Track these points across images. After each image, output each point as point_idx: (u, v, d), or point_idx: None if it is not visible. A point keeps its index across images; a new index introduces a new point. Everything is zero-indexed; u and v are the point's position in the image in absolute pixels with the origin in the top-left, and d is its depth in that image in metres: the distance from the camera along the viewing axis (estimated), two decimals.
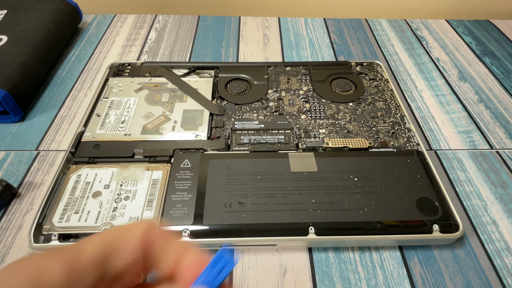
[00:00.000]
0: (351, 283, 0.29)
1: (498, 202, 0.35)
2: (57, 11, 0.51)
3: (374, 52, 0.54)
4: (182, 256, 0.15)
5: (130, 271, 0.14)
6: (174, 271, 0.15)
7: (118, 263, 0.13)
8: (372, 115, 0.41)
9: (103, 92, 0.42)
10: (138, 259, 0.14)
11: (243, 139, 0.37)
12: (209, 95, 0.42)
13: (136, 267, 0.14)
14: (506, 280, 0.29)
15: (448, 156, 0.39)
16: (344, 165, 0.34)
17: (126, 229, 0.14)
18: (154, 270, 0.16)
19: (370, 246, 0.31)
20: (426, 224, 0.30)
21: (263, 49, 0.55)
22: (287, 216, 0.30)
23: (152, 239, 0.15)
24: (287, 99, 0.43)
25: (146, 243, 0.14)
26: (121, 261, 0.14)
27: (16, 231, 0.31)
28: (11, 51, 0.43)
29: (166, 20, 0.60)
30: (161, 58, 0.52)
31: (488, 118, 0.44)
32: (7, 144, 0.39)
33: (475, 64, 0.52)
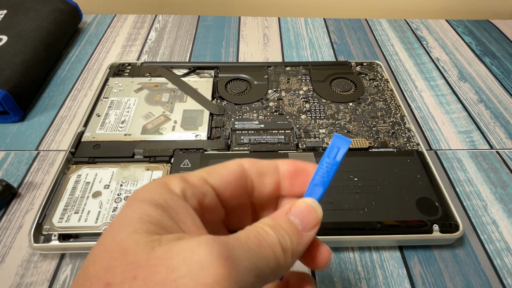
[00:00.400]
0: (351, 283, 0.29)
1: (498, 202, 0.35)
2: (57, 11, 0.51)
3: (374, 52, 0.54)
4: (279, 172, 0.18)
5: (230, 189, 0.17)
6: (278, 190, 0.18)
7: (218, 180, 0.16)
8: (372, 115, 0.41)
9: (103, 92, 0.42)
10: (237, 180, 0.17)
11: (243, 139, 0.37)
12: (209, 95, 0.42)
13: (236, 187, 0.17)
14: (506, 280, 0.29)
15: (448, 156, 0.39)
16: (344, 165, 0.34)
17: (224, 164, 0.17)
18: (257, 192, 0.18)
19: (370, 246, 0.31)
20: (426, 224, 0.30)
21: (263, 49, 0.55)
22: None
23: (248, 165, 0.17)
24: (287, 99, 0.43)
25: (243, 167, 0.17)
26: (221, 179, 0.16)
27: (16, 231, 0.31)
28: (11, 51, 0.43)
29: (166, 20, 0.60)
30: (161, 58, 0.52)
31: (488, 118, 0.44)
32: (7, 144, 0.39)
33: (475, 64, 0.52)
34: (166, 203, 0.14)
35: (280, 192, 0.18)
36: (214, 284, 0.11)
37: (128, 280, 0.11)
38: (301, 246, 0.15)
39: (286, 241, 0.15)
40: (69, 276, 0.29)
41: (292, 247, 0.15)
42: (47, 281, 0.28)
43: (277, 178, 0.18)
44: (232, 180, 0.17)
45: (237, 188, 0.17)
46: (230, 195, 0.17)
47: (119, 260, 0.12)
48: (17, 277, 0.28)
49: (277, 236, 0.14)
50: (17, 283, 0.28)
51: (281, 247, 0.14)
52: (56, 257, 0.30)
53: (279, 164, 0.18)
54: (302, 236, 0.15)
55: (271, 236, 0.14)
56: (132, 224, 0.13)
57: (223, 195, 0.17)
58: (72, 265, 0.29)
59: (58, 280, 0.28)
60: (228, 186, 0.17)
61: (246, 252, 0.13)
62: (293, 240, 0.15)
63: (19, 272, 0.29)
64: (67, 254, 0.30)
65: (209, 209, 0.16)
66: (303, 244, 0.15)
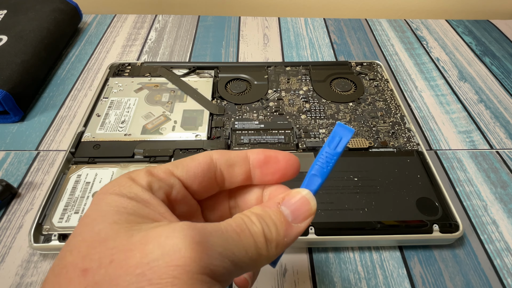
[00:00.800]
0: (351, 283, 0.29)
1: (498, 202, 0.35)
2: (57, 11, 0.51)
3: (374, 52, 0.54)
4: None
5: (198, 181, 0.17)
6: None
7: (184, 172, 0.16)
8: (372, 115, 0.41)
9: (103, 92, 0.42)
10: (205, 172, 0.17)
11: (243, 139, 0.37)
12: (209, 95, 0.42)
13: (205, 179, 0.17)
14: (506, 280, 0.29)
15: (448, 156, 0.39)
16: (344, 165, 0.34)
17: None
18: (228, 183, 0.18)
19: (370, 246, 0.31)
20: (426, 224, 0.30)
21: (263, 49, 0.55)
22: None
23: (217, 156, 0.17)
24: (287, 99, 0.43)
25: (211, 158, 0.17)
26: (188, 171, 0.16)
27: (16, 231, 0.31)
28: (11, 51, 0.43)
29: (166, 20, 0.60)
30: (161, 58, 0.52)
31: (488, 118, 0.44)
32: (7, 144, 0.39)
33: (475, 64, 0.52)
34: (136, 195, 0.14)
35: (251, 181, 0.18)
36: (184, 266, 0.12)
37: (104, 264, 0.12)
38: (288, 238, 0.15)
39: (271, 232, 0.15)
40: None
41: (278, 238, 0.15)
42: None
43: (247, 168, 0.17)
44: (200, 171, 0.17)
45: (205, 179, 0.17)
46: (199, 187, 0.17)
47: (97, 248, 0.12)
48: (17, 277, 0.28)
49: (262, 226, 0.14)
50: (17, 283, 0.28)
51: (265, 237, 0.14)
52: (56, 257, 0.30)
53: (249, 154, 0.18)
54: (291, 227, 0.15)
55: (255, 225, 0.14)
56: (110, 216, 0.13)
57: (191, 187, 0.17)
58: None
59: None
60: (196, 177, 0.17)
61: (222, 239, 0.13)
62: (280, 232, 0.15)
63: (19, 272, 0.29)
64: None
65: (178, 202, 0.16)
66: (291, 236, 0.15)
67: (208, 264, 0.12)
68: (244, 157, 0.17)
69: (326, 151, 0.17)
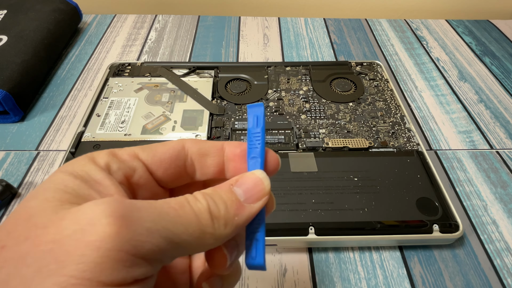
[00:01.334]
0: (351, 283, 0.29)
1: (498, 202, 0.35)
2: (57, 11, 0.51)
3: (374, 52, 0.54)
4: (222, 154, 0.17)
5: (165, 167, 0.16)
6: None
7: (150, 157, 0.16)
8: (372, 115, 0.41)
9: (103, 92, 0.42)
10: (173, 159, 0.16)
11: (243, 139, 0.37)
12: (209, 95, 0.42)
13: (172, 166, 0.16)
14: (506, 280, 0.29)
15: (448, 156, 0.39)
16: (344, 165, 0.34)
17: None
18: (199, 174, 0.17)
19: (370, 246, 0.31)
20: (426, 224, 0.30)
21: (263, 49, 0.55)
22: (287, 216, 0.30)
23: (189, 145, 0.17)
24: (287, 99, 0.43)
25: (183, 146, 0.16)
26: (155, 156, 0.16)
27: None
28: (11, 51, 0.43)
29: (166, 20, 0.60)
30: (161, 58, 0.52)
31: (488, 118, 0.44)
32: (7, 144, 0.39)
33: (475, 64, 0.52)
34: (87, 174, 0.14)
35: (224, 175, 0.17)
36: (100, 241, 0.11)
37: (19, 241, 0.11)
38: (240, 218, 0.14)
39: (220, 210, 0.14)
40: None
41: (227, 216, 0.14)
42: None
43: (221, 160, 0.17)
44: (167, 158, 0.16)
45: (173, 166, 0.16)
46: (166, 174, 0.16)
47: (20, 225, 0.12)
48: None
49: (207, 203, 0.14)
50: None
51: (210, 214, 0.14)
52: None
53: (225, 146, 0.17)
54: (243, 207, 0.15)
55: (199, 202, 0.14)
56: (45, 193, 0.13)
57: (156, 173, 0.16)
58: None
59: None
60: (162, 163, 0.16)
61: (154, 215, 0.12)
62: (230, 210, 0.14)
63: None
64: None
65: (140, 186, 0.16)
66: (243, 216, 0.15)
67: (129, 239, 0.11)
68: (219, 148, 0.17)
69: (252, 132, 0.17)
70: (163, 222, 0.12)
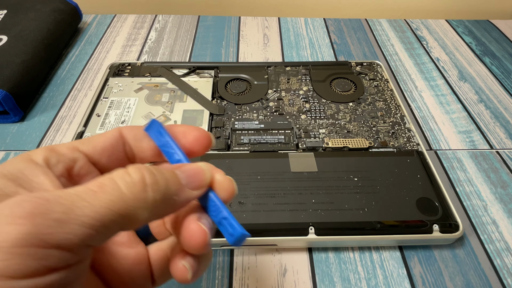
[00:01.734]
0: (351, 283, 0.29)
1: (498, 202, 0.35)
2: (57, 11, 0.51)
3: (374, 52, 0.54)
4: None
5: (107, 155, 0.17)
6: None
7: (91, 147, 0.16)
8: (372, 115, 0.41)
9: (103, 92, 0.42)
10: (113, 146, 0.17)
11: (243, 139, 0.37)
12: (209, 95, 0.42)
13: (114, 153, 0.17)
14: (506, 280, 0.29)
15: (448, 156, 0.39)
16: (344, 165, 0.34)
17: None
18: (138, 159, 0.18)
19: (370, 246, 0.31)
20: (426, 224, 0.30)
21: (263, 49, 0.55)
22: (287, 216, 0.30)
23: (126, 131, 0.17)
24: (287, 99, 0.43)
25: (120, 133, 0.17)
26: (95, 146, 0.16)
27: None
28: (11, 51, 0.43)
29: (166, 20, 0.60)
30: (161, 58, 0.52)
31: (488, 118, 0.44)
32: (7, 144, 0.39)
33: (475, 64, 0.52)
34: (20, 172, 0.14)
35: (162, 157, 0.18)
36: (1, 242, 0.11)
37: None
38: (179, 198, 0.14)
39: (159, 185, 0.14)
40: None
41: (167, 192, 0.14)
42: None
43: (154, 143, 0.17)
44: (108, 145, 0.17)
45: (115, 153, 0.17)
46: (108, 162, 0.17)
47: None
48: None
49: (142, 176, 0.14)
50: None
51: (144, 186, 0.13)
52: None
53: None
54: (184, 190, 0.15)
55: (129, 176, 0.14)
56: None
57: (99, 162, 0.17)
58: None
59: None
60: (103, 152, 0.16)
61: (66, 204, 0.12)
62: (171, 188, 0.14)
63: None
64: None
65: (83, 177, 0.16)
66: (182, 198, 0.15)
67: (35, 233, 0.11)
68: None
69: (164, 149, 0.17)
70: (77, 210, 0.12)
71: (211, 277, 0.29)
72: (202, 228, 0.15)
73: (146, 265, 0.17)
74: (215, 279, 0.29)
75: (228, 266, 0.30)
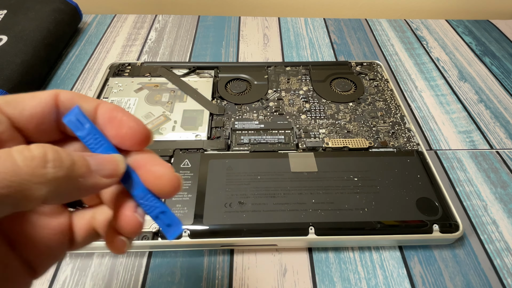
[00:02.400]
0: (351, 283, 0.29)
1: (498, 202, 0.35)
2: (57, 11, 0.51)
3: (374, 52, 0.54)
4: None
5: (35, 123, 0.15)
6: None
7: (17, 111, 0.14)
8: (372, 115, 0.41)
9: (103, 92, 0.42)
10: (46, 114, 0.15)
11: (243, 139, 0.37)
12: (209, 95, 0.42)
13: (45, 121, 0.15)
14: (506, 280, 0.29)
15: (448, 156, 0.39)
16: (344, 165, 0.34)
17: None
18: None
19: (370, 246, 0.31)
20: (426, 224, 0.30)
21: (263, 49, 0.55)
22: (287, 216, 0.30)
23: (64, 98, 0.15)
24: (287, 99, 0.43)
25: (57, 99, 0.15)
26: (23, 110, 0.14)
27: None
28: (11, 51, 0.43)
29: (166, 20, 0.60)
30: (161, 58, 0.52)
31: (488, 118, 0.44)
32: None
33: (475, 64, 0.52)
34: None
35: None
36: None
37: None
38: (85, 180, 0.13)
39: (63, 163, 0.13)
40: (69, 276, 0.29)
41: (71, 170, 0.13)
42: (47, 281, 0.28)
43: (93, 119, 0.15)
44: (38, 112, 0.15)
45: (44, 123, 0.15)
46: (36, 132, 0.15)
47: None
48: None
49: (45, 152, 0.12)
50: None
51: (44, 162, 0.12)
52: None
53: (101, 105, 0.15)
54: (91, 174, 0.14)
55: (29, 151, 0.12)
56: None
57: (25, 130, 0.15)
58: (72, 265, 0.29)
59: (58, 280, 0.28)
60: (31, 119, 0.14)
61: None
62: (76, 167, 0.13)
63: None
64: (67, 254, 0.30)
65: (3, 142, 0.14)
66: (89, 182, 0.14)
67: None
68: (95, 106, 0.15)
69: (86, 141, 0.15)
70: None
71: (211, 277, 0.29)
72: (136, 218, 0.15)
73: (66, 235, 0.16)
74: (215, 279, 0.29)
75: (228, 266, 0.30)
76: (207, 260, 0.30)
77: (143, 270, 0.29)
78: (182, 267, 0.30)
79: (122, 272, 0.29)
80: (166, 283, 0.29)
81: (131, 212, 0.15)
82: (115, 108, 0.15)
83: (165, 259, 0.30)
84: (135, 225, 0.15)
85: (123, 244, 0.15)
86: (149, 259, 0.30)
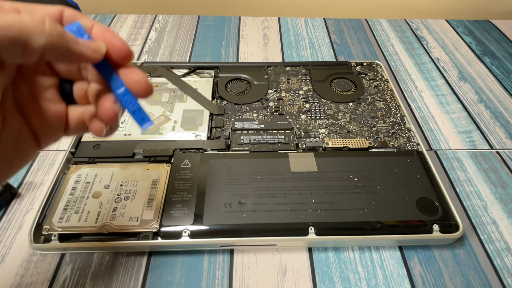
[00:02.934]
0: (351, 283, 0.29)
1: (498, 202, 0.35)
2: None
3: (374, 52, 0.54)
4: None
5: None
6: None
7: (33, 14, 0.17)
8: (372, 115, 0.41)
9: None
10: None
11: (243, 139, 0.37)
12: (209, 95, 0.42)
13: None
14: (506, 280, 0.29)
15: (448, 156, 0.39)
16: (344, 165, 0.34)
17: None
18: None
19: (370, 246, 0.31)
20: (426, 224, 0.30)
21: (263, 49, 0.55)
22: (287, 216, 0.30)
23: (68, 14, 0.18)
24: (287, 99, 0.43)
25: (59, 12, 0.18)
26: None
27: (16, 231, 0.31)
28: None
29: (166, 20, 0.60)
30: (161, 58, 0.52)
31: (488, 118, 0.44)
32: None
33: (475, 64, 0.52)
34: None
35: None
36: None
37: None
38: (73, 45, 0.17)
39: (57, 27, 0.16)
40: (69, 276, 0.29)
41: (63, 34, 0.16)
42: (47, 281, 0.28)
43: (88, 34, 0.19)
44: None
45: None
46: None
47: None
48: (17, 277, 0.28)
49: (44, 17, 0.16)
50: (17, 283, 0.28)
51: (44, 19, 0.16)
52: (56, 257, 0.30)
53: (95, 25, 0.19)
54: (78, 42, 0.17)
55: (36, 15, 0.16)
56: None
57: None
58: (72, 265, 0.29)
59: (58, 280, 0.29)
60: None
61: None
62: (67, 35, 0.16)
63: (19, 272, 0.29)
64: (67, 254, 0.30)
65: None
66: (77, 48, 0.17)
67: None
68: (91, 25, 0.19)
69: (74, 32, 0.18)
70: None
71: (211, 277, 0.29)
72: (113, 107, 0.19)
73: (63, 118, 0.20)
74: (215, 279, 0.29)
75: (228, 266, 0.30)
76: (207, 260, 0.30)
77: (143, 270, 0.29)
78: (182, 267, 0.30)
79: (122, 272, 0.29)
80: (166, 283, 0.29)
81: (110, 103, 0.19)
82: (106, 29, 0.19)
83: (165, 259, 0.30)
84: (112, 112, 0.19)
85: (101, 127, 0.20)
86: (149, 259, 0.30)
